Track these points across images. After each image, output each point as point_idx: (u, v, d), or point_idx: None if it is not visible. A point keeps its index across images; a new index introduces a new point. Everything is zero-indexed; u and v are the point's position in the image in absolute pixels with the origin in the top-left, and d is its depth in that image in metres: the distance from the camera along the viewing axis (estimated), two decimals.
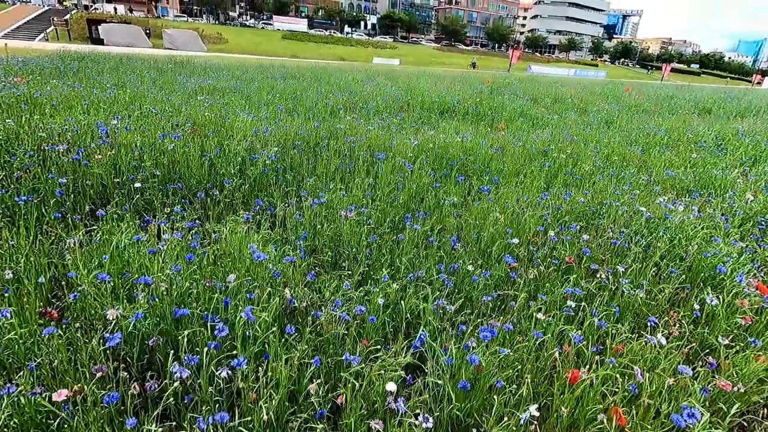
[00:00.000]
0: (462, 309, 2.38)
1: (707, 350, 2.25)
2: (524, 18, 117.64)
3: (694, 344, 2.19)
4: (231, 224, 2.68)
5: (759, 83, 69.98)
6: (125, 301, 1.85)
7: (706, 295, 2.48)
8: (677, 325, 2.42)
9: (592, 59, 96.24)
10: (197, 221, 2.77)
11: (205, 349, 1.41)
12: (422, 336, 2.06)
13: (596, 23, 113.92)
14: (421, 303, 2.17)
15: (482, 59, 67.83)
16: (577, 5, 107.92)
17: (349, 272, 2.42)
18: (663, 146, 6.99)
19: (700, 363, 2.15)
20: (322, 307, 2.08)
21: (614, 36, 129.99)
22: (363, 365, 1.71)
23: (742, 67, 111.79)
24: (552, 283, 2.55)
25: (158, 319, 1.77)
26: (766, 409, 2.16)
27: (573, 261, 2.80)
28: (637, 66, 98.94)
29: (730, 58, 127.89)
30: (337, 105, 7.76)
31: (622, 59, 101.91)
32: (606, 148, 6.04)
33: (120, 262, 2.13)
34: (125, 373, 1.47)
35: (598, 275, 2.57)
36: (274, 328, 1.64)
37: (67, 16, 43.62)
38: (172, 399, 1.36)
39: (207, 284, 2.05)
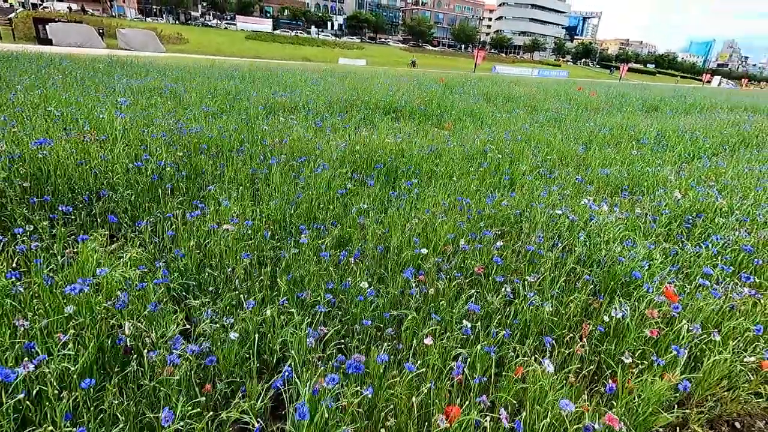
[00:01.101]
0: (346, 335, 2.10)
1: (611, 370, 2.04)
2: (489, 19, 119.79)
3: (592, 366, 1.98)
4: (89, 244, 2.30)
5: (709, 81, 73.87)
6: None
7: (615, 304, 2.29)
8: (585, 340, 2.22)
9: (555, 60, 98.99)
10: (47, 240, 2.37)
11: None
12: (287, 373, 1.76)
13: (558, 25, 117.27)
14: (288, 333, 1.86)
15: (449, 60, 68.52)
16: (539, 7, 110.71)
17: (206, 299, 2.09)
18: (606, 144, 6.98)
19: (602, 385, 1.95)
20: (173, 344, 1.75)
21: (575, 37, 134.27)
22: (182, 423, 1.39)
23: (694, 67, 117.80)
24: (452, 299, 2.30)
25: None
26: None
27: (482, 272, 2.57)
28: (597, 66, 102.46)
29: (682, 58, 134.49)
30: (276, 106, 7.38)
31: (583, 59, 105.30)
32: (546, 147, 5.93)
33: None
34: None
35: (503, 288, 2.34)
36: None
37: (12, 15, 41.10)
38: None
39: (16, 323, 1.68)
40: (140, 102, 6.21)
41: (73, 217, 2.86)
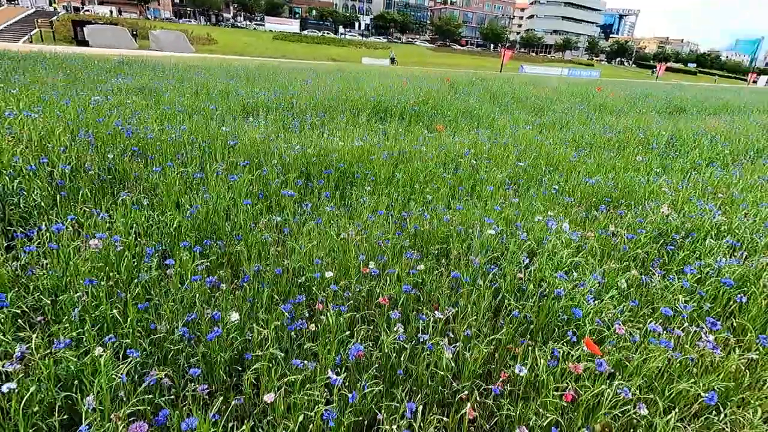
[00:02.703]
0: (190, 381, 1.75)
1: None
2: (521, 18, 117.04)
3: None
4: None
5: (755, 81, 69.42)
6: None
7: (535, 354, 1.86)
8: (473, 403, 1.79)
9: (588, 59, 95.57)
10: None
11: None
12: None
13: (593, 23, 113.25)
14: (101, 379, 1.53)
15: (475, 59, 67.29)
16: (574, 5, 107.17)
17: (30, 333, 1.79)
18: (609, 148, 6.36)
19: None
20: None
21: (611, 36, 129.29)
22: None
23: (739, 66, 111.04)
24: (333, 340, 1.91)
25: None
26: None
27: (387, 303, 2.17)
28: (633, 65, 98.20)
29: (727, 56, 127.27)
30: (259, 105, 7.14)
31: (618, 58, 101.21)
32: (534, 151, 5.40)
33: None
34: None
35: (396, 327, 1.94)
36: None
37: (54, 18, 42.99)
38: None
39: None
40: (114, 100, 6.10)
41: None
